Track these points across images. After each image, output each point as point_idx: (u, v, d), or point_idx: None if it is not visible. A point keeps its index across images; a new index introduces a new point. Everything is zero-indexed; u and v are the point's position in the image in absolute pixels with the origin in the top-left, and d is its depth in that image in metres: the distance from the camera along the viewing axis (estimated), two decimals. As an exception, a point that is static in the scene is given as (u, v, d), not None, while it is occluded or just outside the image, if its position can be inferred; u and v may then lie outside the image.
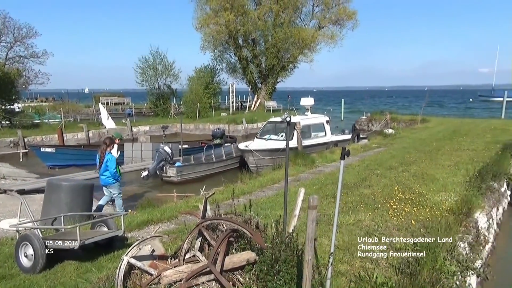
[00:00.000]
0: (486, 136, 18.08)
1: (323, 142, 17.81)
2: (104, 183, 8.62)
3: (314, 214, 3.05)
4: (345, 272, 4.80)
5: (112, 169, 8.37)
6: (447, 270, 4.71)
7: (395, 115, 31.50)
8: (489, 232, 7.86)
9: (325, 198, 8.33)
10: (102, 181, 8.62)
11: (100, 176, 8.59)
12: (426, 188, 8.75)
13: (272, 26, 38.99)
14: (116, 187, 8.67)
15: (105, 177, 8.50)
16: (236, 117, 33.26)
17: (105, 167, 8.38)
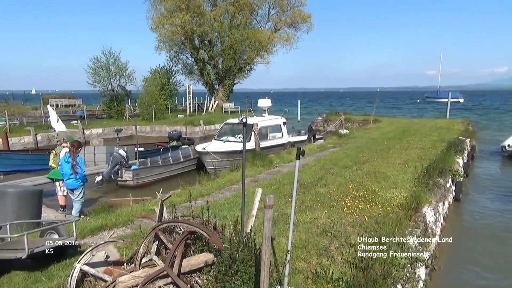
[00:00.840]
0: (432, 135, 19.10)
1: (281, 143, 18.05)
2: (72, 187, 8.69)
3: (271, 213, 3.09)
4: (303, 269, 4.89)
5: (82, 171, 8.57)
6: (398, 263, 4.94)
7: (349, 115, 32.56)
8: (436, 226, 8.32)
9: (283, 197, 8.44)
10: (69, 185, 8.68)
11: (67, 181, 8.61)
12: (379, 186, 9.10)
13: (229, 27, 38.99)
14: (82, 190, 8.84)
15: (73, 180, 8.57)
16: (193, 119, 32.92)
17: (63, 169, 8.49)
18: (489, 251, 8.62)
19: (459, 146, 15.45)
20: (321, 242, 5.76)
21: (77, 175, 8.52)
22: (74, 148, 8.52)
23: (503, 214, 10.98)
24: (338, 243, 5.74)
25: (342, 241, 5.81)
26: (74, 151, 8.49)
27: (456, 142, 16.16)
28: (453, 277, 7.38)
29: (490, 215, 10.96)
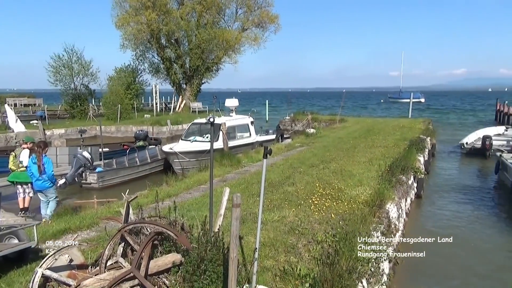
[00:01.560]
0: (395, 134, 19.71)
1: (249, 143, 18.11)
2: (40, 188, 8.57)
3: (238, 212, 3.11)
4: (271, 267, 4.94)
5: (50, 171, 8.42)
6: (363, 258, 5.08)
7: (316, 115, 33.09)
8: (399, 221, 8.62)
9: (251, 197, 8.48)
10: (38, 187, 8.56)
11: (36, 182, 8.47)
12: (345, 184, 9.31)
13: (196, 26, 38.65)
14: (53, 190, 8.76)
15: (42, 182, 8.43)
16: (160, 119, 32.41)
17: (31, 170, 8.36)
18: (447, 246, 9.00)
19: (420, 144, 16.04)
20: (289, 240, 5.84)
21: (45, 175, 8.39)
22: (40, 149, 8.39)
23: (460, 209, 11.53)
24: (306, 241, 5.84)
25: (309, 238, 5.91)
26: (40, 152, 8.35)
27: (417, 140, 16.77)
28: (415, 270, 7.66)
29: (449, 210, 11.46)
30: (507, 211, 11.52)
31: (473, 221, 10.56)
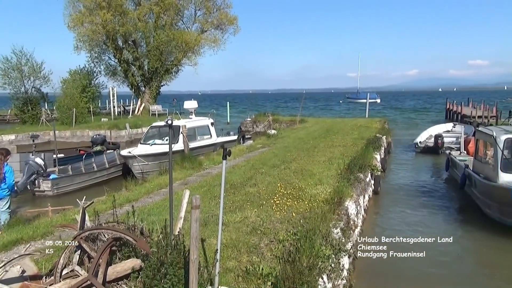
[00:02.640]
0: (353, 133, 20.31)
1: (210, 144, 18.02)
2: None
3: (198, 213, 3.10)
4: (233, 268, 4.95)
5: (11, 181, 8.24)
6: (323, 254, 5.21)
7: (277, 116, 33.42)
8: (358, 218, 8.89)
9: (213, 199, 8.44)
10: None
11: None
12: (305, 183, 9.48)
13: (154, 28, 37.96)
14: (8, 200, 8.48)
15: (0, 190, 8.20)
16: (118, 122, 31.51)
17: None
18: (405, 238, 9.38)
19: (376, 143, 16.64)
20: (251, 240, 5.88)
21: (4, 185, 8.16)
22: (2, 156, 8.26)
23: (415, 203, 12.06)
24: (268, 240, 5.90)
25: (271, 238, 5.97)
26: (2, 160, 8.17)
27: (374, 139, 17.38)
28: (373, 264, 7.92)
29: (404, 205, 11.94)
30: (457, 204, 12.19)
31: (427, 214, 11.08)
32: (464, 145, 16.27)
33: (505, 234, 9.05)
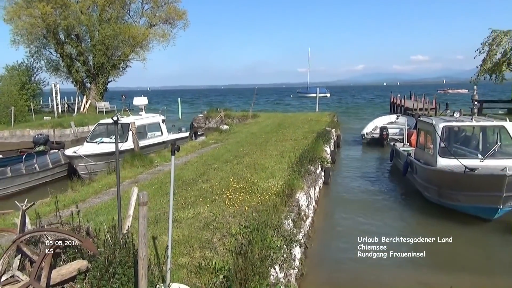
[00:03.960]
0: (304, 127, 20.74)
1: (161, 141, 17.66)
2: None
3: (145, 210, 3.05)
4: (186, 264, 4.92)
5: None
6: (275, 245, 5.31)
7: (229, 112, 33.38)
8: (308, 209, 9.13)
9: (165, 196, 8.32)
10: None
11: None
12: (258, 177, 9.58)
13: (98, 21, 36.38)
14: None
15: None
16: (62, 121, 29.98)
17: None
18: (354, 226, 9.80)
19: (326, 136, 17.14)
20: (204, 235, 5.87)
21: None
22: None
23: (362, 192, 12.60)
24: (221, 234, 5.91)
25: (224, 232, 6.00)
26: None
27: (324, 132, 17.87)
28: (324, 252, 8.20)
29: (353, 194, 12.45)
30: (400, 190, 12.87)
31: (373, 201, 11.63)
32: (407, 138, 17.20)
33: (442, 214, 9.75)
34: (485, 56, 19.68)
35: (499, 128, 10.38)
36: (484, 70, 19.84)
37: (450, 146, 11.22)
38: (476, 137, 11.70)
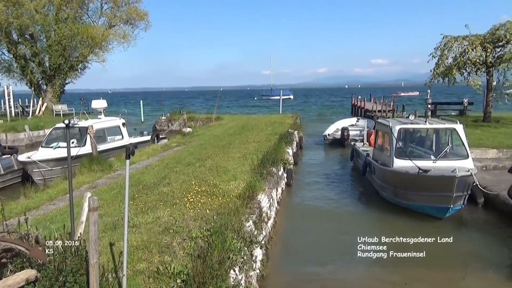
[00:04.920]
0: (267, 129, 20.87)
1: (121, 145, 17.21)
2: None
3: (96, 216, 2.97)
4: (144, 269, 4.84)
5: None
6: (235, 247, 5.32)
7: (192, 114, 33.05)
8: (270, 210, 9.21)
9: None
10: None
11: None
12: (220, 179, 9.56)
13: (54, 20, 35.00)
14: None
15: None
16: (16, 124, 28.53)
17: None
18: (315, 226, 9.99)
19: (288, 137, 17.34)
20: (164, 239, 5.78)
21: None
22: None
23: (324, 191, 12.89)
24: (180, 238, 5.85)
25: (184, 236, 5.94)
26: None
27: (286, 134, 18.07)
28: (286, 253, 8.30)
29: (315, 194, 12.68)
30: (359, 190, 13.26)
31: (334, 200, 11.93)
32: (367, 137, 17.77)
33: (398, 213, 10.13)
34: (438, 60, 20.61)
35: (451, 130, 10.92)
36: (437, 73, 20.73)
37: (405, 147, 11.69)
38: (430, 138, 12.26)
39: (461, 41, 20.11)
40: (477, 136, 15.81)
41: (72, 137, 15.04)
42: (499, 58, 19.85)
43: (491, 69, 20.34)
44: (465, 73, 21.04)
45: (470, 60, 19.63)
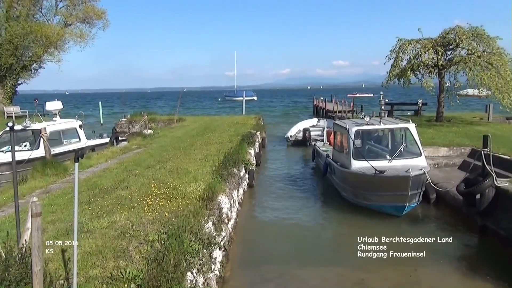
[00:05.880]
0: (230, 130, 20.81)
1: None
2: None
3: (39, 221, 2.86)
4: (98, 275, 4.70)
5: None
6: (192, 250, 5.28)
7: (154, 115, 32.37)
8: (231, 211, 9.21)
9: (80, 205, 7.82)
10: None
11: None
12: (180, 181, 9.44)
13: (5, 18, 33.33)
14: None
15: None
16: (-37, 128, 26.90)
17: None
18: (277, 226, 10.09)
19: (251, 138, 17.40)
20: (119, 244, 5.65)
21: None
22: None
23: (286, 191, 13.05)
24: (137, 242, 5.74)
25: (141, 240, 5.83)
26: None
27: (249, 135, 18.13)
28: (247, 254, 8.32)
29: (277, 194, 12.80)
30: (320, 189, 13.53)
31: (295, 200, 12.09)
32: (327, 137, 18.16)
33: (358, 212, 10.41)
34: (393, 62, 21.39)
35: (404, 129, 11.35)
36: (393, 75, 21.52)
37: (362, 148, 12.05)
38: (386, 138, 12.69)
39: (414, 44, 20.99)
40: (430, 135, 16.54)
41: (24, 140, 14.38)
42: (449, 61, 20.88)
43: (443, 71, 21.36)
44: (419, 75, 21.97)
45: (423, 62, 20.51)
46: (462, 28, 20.21)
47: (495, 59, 19.00)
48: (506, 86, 18.69)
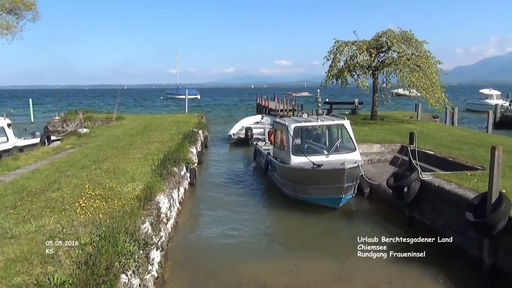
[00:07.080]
0: (172, 129, 20.41)
1: (5, 149, 15.48)
2: None
3: None
4: (22, 283, 4.43)
5: None
6: (127, 251, 5.14)
7: (91, 114, 30.90)
8: (171, 211, 9.07)
9: (5, 209, 7.32)
10: None
11: None
12: (117, 182, 9.11)
13: None
14: None
15: None
16: None
17: None
18: (218, 224, 10.10)
19: (192, 137, 17.21)
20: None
21: None
22: None
23: (228, 189, 13.09)
24: (67, 246, 5.46)
25: (72, 244, 5.56)
26: None
27: (190, 134, 17.92)
28: (187, 254, 8.26)
29: (218, 193, 12.80)
30: (262, 187, 13.73)
31: (237, 198, 12.19)
32: (268, 136, 18.44)
33: (296, 208, 10.74)
34: (331, 63, 22.24)
35: (340, 126, 11.88)
36: (331, 75, 22.36)
37: (302, 144, 12.42)
38: (323, 134, 13.18)
39: (350, 46, 21.96)
40: (365, 132, 17.42)
41: None
42: (382, 63, 22.12)
43: (376, 72, 22.56)
44: (355, 75, 23.03)
45: (359, 63, 21.55)
46: (393, 32, 21.47)
47: (422, 61, 20.45)
48: (432, 87, 20.17)
